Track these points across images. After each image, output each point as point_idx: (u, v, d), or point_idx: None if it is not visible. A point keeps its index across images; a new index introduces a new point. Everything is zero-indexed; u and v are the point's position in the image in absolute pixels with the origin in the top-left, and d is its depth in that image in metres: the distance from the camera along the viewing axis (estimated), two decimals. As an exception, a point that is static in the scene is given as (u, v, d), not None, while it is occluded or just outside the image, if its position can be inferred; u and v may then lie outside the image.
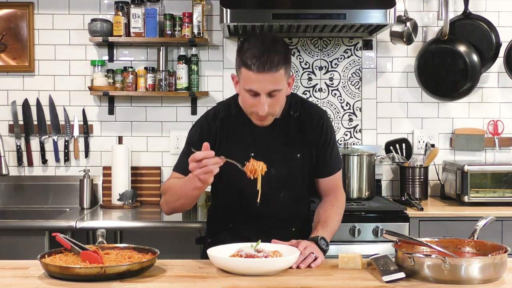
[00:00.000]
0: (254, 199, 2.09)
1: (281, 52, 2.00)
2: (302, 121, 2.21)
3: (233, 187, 2.18)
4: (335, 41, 3.65)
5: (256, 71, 1.97)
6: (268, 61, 1.96)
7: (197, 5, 3.43)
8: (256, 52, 1.97)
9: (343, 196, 2.32)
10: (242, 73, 2.02)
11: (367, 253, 2.05)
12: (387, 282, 1.71)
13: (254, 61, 1.97)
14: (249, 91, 2.02)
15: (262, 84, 1.99)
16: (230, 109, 2.21)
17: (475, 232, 1.91)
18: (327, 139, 2.23)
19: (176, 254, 2.11)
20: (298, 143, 2.19)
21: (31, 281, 1.73)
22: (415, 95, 3.67)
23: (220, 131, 2.17)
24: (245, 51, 2.00)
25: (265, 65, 1.96)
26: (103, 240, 2.04)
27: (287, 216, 2.22)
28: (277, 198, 2.19)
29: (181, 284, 1.71)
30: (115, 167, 3.46)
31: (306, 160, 2.21)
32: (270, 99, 2.02)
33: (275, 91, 2.01)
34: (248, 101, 2.05)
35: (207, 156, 1.84)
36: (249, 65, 1.98)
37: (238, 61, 2.04)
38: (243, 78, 2.03)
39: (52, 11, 3.58)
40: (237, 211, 2.21)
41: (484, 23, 3.58)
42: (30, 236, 2.91)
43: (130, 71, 3.52)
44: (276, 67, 1.97)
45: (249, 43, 2.02)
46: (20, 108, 3.57)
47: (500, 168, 3.33)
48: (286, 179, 2.19)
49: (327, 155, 2.24)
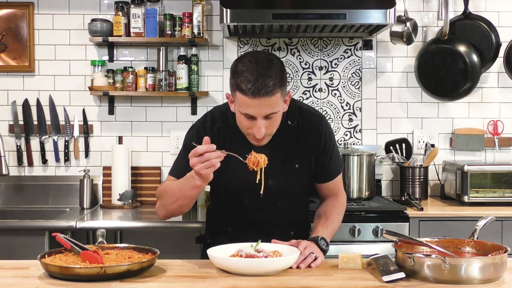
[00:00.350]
0: (252, 203, 2.10)
1: (276, 75, 1.93)
2: (299, 130, 2.16)
3: (231, 192, 2.17)
4: (335, 41, 3.65)
5: (252, 96, 1.90)
6: (264, 86, 1.89)
7: (197, 5, 3.43)
8: (251, 76, 1.90)
9: (344, 197, 2.32)
10: (237, 97, 1.96)
11: (367, 253, 2.05)
12: (387, 282, 1.71)
13: (249, 86, 1.90)
14: (245, 114, 1.97)
15: (258, 108, 1.93)
16: (227, 119, 2.14)
17: (475, 232, 1.91)
18: (326, 145, 2.19)
19: (176, 254, 2.11)
20: (296, 153, 2.16)
21: (31, 281, 1.73)
22: (415, 95, 3.67)
23: (217, 141, 2.04)
24: (239, 74, 1.93)
25: (260, 90, 1.89)
26: (103, 240, 2.04)
27: (285, 221, 2.22)
28: (275, 206, 2.19)
29: (181, 284, 1.71)
30: (115, 167, 3.46)
31: (304, 169, 2.19)
32: (267, 121, 1.98)
33: (271, 114, 1.96)
34: (244, 123, 2.00)
35: (209, 149, 1.82)
36: (244, 90, 1.91)
37: (233, 84, 1.96)
38: (238, 102, 1.97)
39: (52, 11, 3.58)
40: (235, 215, 2.20)
41: (484, 23, 3.58)
42: (30, 236, 2.91)
43: (130, 71, 3.52)
44: (272, 92, 1.91)
45: (243, 65, 1.94)
46: (20, 108, 3.57)
47: (500, 168, 3.33)
48: (285, 189, 2.17)
49: (327, 160, 2.21)
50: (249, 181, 2.03)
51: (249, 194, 2.11)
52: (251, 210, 2.17)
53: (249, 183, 2.03)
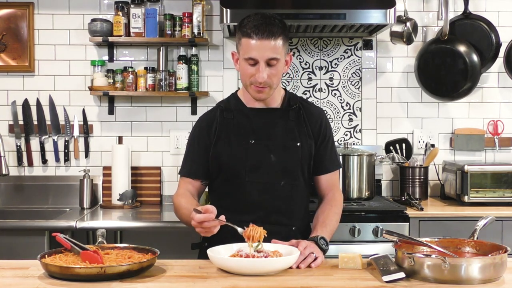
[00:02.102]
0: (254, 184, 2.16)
1: (279, 25, 2.09)
2: (301, 114, 2.25)
3: (233, 174, 2.19)
4: (335, 41, 3.65)
5: (256, 38, 2.05)
6: (267, 29, 2.05)
7: (197, 5, 3.43)
8: (256, 22, 2.07)
9: (341, 196, 2.33)
10: (242, 44, 2.09)
11: (367, 253, 2.05)
12: (387, 282, 1.71)
13: (254, 29, 2.06)
14: (248, 59, 2.08)
15: (261, 51, 2.06)
16: (230, 102, 2.28)
17: (475, 232, 1.91)
18: (326, 135, 2.27)
19: (176, 254, 2.11)
20: (298, 132, 2.22)
21: (31, 281, 1.73)
22: (415, 95, 3.67)
23: (220, 120, 2.22)
24: (245, 24, 2.09)
25: (264, 33, 2.05)
26: (103, 240, 2.04)
27: (287, 209, 2.21)
28: (278, 187, 2.19)
29: (181, 284, 1.71)
30: (115, 167, 3.46)
31: (305, 150, 2.22)
32: (268, 68, 2.09)
33: (273, 59, 2.08)
34: (247, 71, 2.11)
35: (207, 219, 1.88)
36: (249, 33, 2.06)
37: (239, 34, 2.11)
38: (243, 48, 2.09)
39: (52, 11, 3.58)
40: (236, 204, 2.19)
41: (484, 23, 3.58)
42: (30, 236, 2.91)
43: (130, 71, 3.52)
44: (274, 35, 2.06)
45: (248, 18, 2.11)
46: (20, 108, 3.57)
47: (500, 168, 3.33)
48: (287, 166, 2.20)
49: (327, 151, 2.27)
50: (251, 159, 2.13)
51: (251, 171, 2.16)
52: (253, 190, 2.17)
53: (252, 160, 2.14)
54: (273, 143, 2.18)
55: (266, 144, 2.17)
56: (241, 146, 2.17)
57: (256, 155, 2.17)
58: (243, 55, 2.10)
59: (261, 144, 2.17)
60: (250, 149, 2.17)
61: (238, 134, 2.19)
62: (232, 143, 2.17)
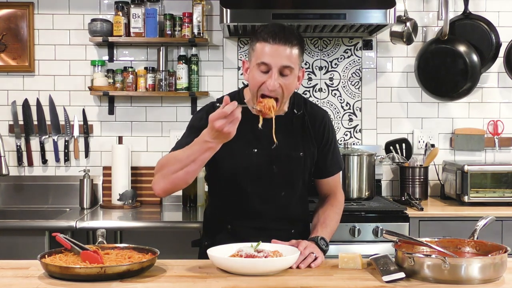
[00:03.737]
0: (255, 191, 2.13)
1: (298, 36, 2.04)
2: (305, 120, 2.21)
3: (234, 179, 2.17)
4: (335, 41, 3.65)
5: (272, 42, 1.99)
6: (285, 36, 1.99)
7: (197, 5, 3.43)
8: (274, 28, 2.02)
9: (342, 196, 2.33)
10: (256, 48, 2.02)
11: (367, 253, 2.04)
12: (387, 282, 1.71)
13: (271, 34, 1.99)
14: (261, 65, 2.00)
15: (276, 57, 1.99)
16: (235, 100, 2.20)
17: (475, 232, 1.91)
18: (328, 139, 2.24)
19: (176, 254, 2.11)
20: (301, 141, 2.19)
21: (31, 281, 1.73)
22: (415, 95, 3.67)
23: None
24: (262, 30, 2.04)
25: (281, 38, 1.98)
26: (103, 240, 2.04)
27: (286, 216, 2.22)
28: (278, 197, 2.19)
29: (181, 284, 1.71)
30: (115, 167, 3.46)
31: (308, 159, 2.20)
32: (281, 78, 2.01)
33: (287, 67, 2.00)
34: (258, 78, 2.02)
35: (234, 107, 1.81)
36: (266, 38, 2.00)
37: (254, 40, 2.04)
38: (257, 53, 2.02)
39: (52, 11, 3.58)
40: (237, 209, 2.20)
41: (484, 23, 3.58)
42: (30, 236, 2.91)
43: (130, 71, 3.52)
44: (292, 43, 2.00)
45: (266, 25, 2.06)
46: (20, 108, 3.57)
47: (500, 168, 3.33)
48: (288, 177, 2.19)
49: (329, 155, 2.25)
50: (254, 170, 2.10)
51: (253, 181, 2.14)
52: (253, 199, 2.16)
53: (254, 171, 2.10)
54: (276, 152, 2.12)
55: (269, 153, 2.12)
56: (244, 155, 2.13)
57: (258, 165, 2.13)
58: (255, 61, 2.02)
59: (264, 153, 2.13)
60: (253, 158, 2.13)
61: (241, 140, 2.07)
62: (234, 149, 2.09)
